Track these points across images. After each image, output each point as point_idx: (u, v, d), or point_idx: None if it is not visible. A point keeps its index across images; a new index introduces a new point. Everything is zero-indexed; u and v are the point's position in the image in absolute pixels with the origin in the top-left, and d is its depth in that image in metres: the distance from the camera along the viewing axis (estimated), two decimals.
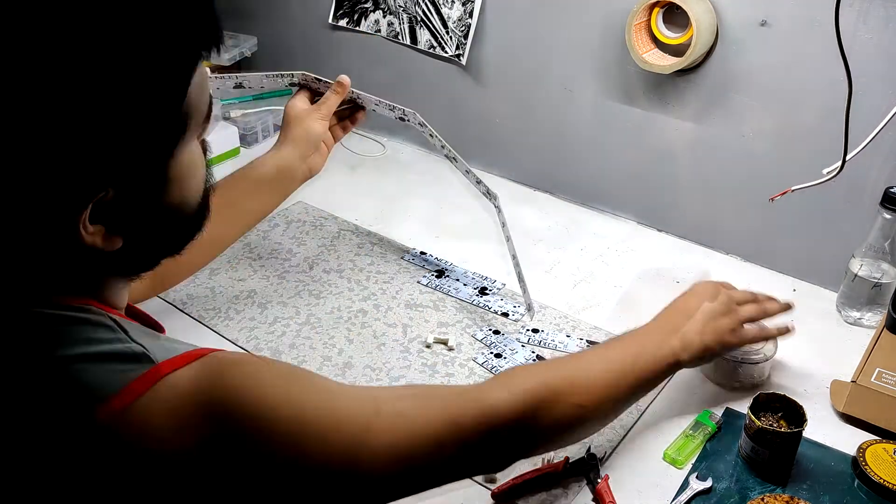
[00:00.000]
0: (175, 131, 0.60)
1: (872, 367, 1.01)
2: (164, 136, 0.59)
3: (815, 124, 1.17)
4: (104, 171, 0.56)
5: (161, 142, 0.59)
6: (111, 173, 0.57)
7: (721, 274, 1.29)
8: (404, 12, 1.54)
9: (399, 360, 1.09)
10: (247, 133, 1.64)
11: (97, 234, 0.59)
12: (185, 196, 0.65)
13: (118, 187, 0.58)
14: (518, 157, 1.52)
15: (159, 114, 0.57)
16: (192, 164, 0.65)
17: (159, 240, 0.67)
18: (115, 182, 0.57)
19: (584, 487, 0.91)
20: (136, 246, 0.63)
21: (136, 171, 0.59)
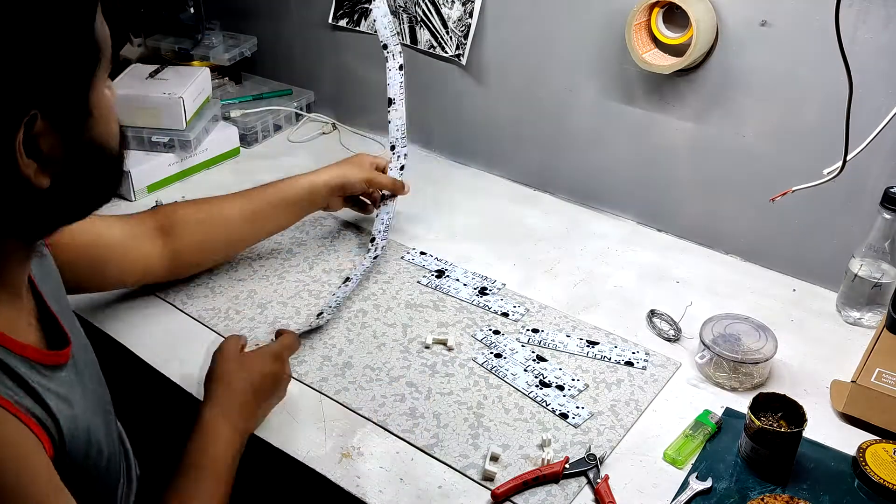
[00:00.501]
0: (90, 61, 0.67)
1: (872, 367, 1.01)
2: (80, 64, 0.66)
3: (816, 124, 1.17)
4: (29, 91, 0.62)
5: (79, 69, 0.66)
6: (36, 94, 0.63)
7: (721, 274, 1.29)
8: (404, 12, 1.54)
9: (399, 361, 1.09)
10: (247, 133, 1.64)
11: (31, 167, 0.64)
12: (105, 133, 0.71)
13: (46, 112, 0.63)
14: (518, 157, 1.52)
15: (73, 39, 0.64)
16: (109, 102, 0.71)
17: (85, 181, 0.71)
18: (41, 104, 0.63)
19: (584, 487, 0.91)
20: (65, 186, 0.68)
21: (61, 95, 0.65)
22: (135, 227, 1.09)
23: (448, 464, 0.94)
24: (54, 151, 0.66)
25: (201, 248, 1.17)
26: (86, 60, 0.66)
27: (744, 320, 1.10)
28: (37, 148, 0.64)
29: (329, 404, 1.02)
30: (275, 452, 0.96)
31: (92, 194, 0.74)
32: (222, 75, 1.77)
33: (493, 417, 1.00)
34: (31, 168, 0.64)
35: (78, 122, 0.68)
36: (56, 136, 0.65)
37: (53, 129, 0.65)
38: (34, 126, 0.63)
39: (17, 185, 0.64)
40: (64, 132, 0.66)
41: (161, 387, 1.06)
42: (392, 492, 0.90)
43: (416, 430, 0.98)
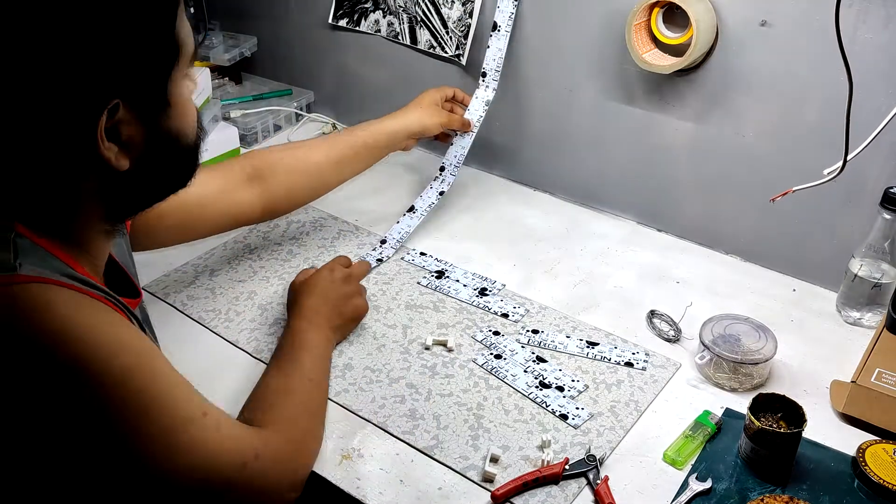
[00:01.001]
0: (170, 55, 0.72)
1: (872, 367, 1.01)
2: (161, 59, 0.72)
3: (816, 124, 1.17)
4: (112, 82, 0.68)
5: (160, 63, 0.72)
6: (119, 85, 0.68)
7: (721, 274, 1.29)
8: (404, 12, 1.54)
9: (399, 362, 1.09)
10: (247, 133, 1.64)
11: (111, 150, 0.70)
12: (182, 125, 0.77)
13: (127, 99, 0.69)
14: (518, 158, 1.52)
15: (155, 34, 0.70)
16: (187, 97, 0.77)
17: (163, 167, 0.77)
18: (123, 94, 0.69)
19: (584, 489, 0.91)
20: (145, 171, 0.74)
21: (142, 87, 0.70)
22: (227, 178, 1.16)
23: (448, 465, 0.94)
24: (134, 138, 0.72)
25: (290, 194, 1.23)
26: (166, 56, 0.72)
27: (744, 321, 1.10)
28: (118, 133, 0.71)
29: (329, 406, 1.02)
30: None
31: (169, 180, 0.81)
32: (222, 75, 1.77)
33: (493, 419, 1.00)
34: (112, 151, 0.71)
35: (157, 113, 0.74)
36: (137, 124, 0.72)
37: (135, 117, 0.71)
38: (116, 113, 0.69)
39: (100, 167, 0.71)
40: (144, 121, 0.72)
41: None
42: (392, 493, 0.90)
43: (416, 431, 0.98)
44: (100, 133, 0.69)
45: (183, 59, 0.74)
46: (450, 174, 1.39)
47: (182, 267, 1.27)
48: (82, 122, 0.68)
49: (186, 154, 0.80)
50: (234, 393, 1.02)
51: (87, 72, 0.67)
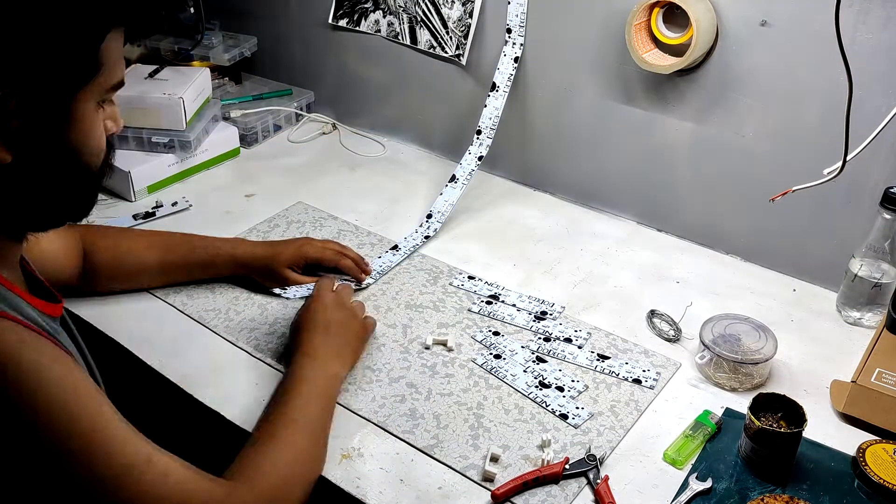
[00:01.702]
0: (84, 72, 0.70)
1: (872, 367, 1.01)
2: (72, 70, 0.69)
3: (816, 124, 1.17)
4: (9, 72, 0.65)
5: (68, 73, 0.69)
6: (16, 77, 0.66)
7: (721, 274, 1.29)
8: (404, 12, 1.54)
9: (399, 361, 1.09)
10: (247, 133, 1.64)
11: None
12: (83, 144, 0.73)
13: (21, 97, 0.66)
14: (518, 157, 1.52)
15: (71, 46, 0.68)
16: (93, 119, 0.73)
17: (56, 184, 0.74)
18: (18, 88, 0.66)
19: (584, 488, 0.91)
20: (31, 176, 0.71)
21: (41, 90, 0.67)
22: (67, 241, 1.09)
23: (448, 465, 0.94)
24: (21, 134, 0.68)
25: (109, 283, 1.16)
26: (79, 71, 0.69)
27: (744, 320, 1.10)
28: (3, 124, 0.67)
29: None
30: None
31: (63, 201, 0.77)
32: (222, 75, 1.77)
33: (493, 418, 1.00)
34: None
35: (53, 122, 0.70)
36: (26, 123, 0.68)
37: (25, 114, 0.68)
38: (6, 104, 0.66)
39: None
40: (36, 123, 0.69)
41: (161, 388, 1.06)
42: (392, 493, 0.90)
43: (416, 431, 0.98)
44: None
45: (99, 82, 0.72)
46: (486, 137, 1.41)
47: None
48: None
49: (84, 175, 0.75)
50: (235, 393, 1.02)
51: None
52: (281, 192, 1.49)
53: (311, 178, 1.55)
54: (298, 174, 1.56)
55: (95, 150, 0.75)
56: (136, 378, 1.09)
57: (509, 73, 1.42)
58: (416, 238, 1.34)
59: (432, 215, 1.38)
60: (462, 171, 1.43)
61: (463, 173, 1.42)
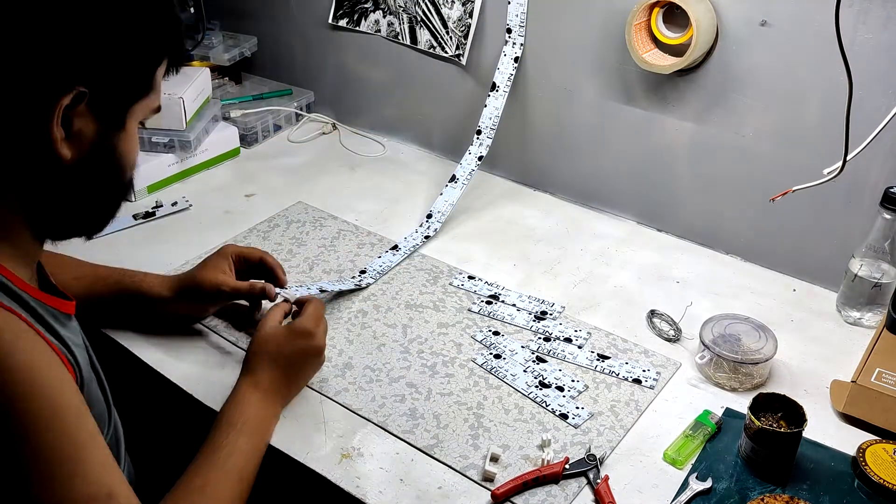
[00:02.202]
0: (141, 89, 0.77)
1: (872, 367, 1.01)
2: (135, 84, 0.76)
3: (816, 124, 1.17)
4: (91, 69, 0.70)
5: (132, 86, 0.76)
6: (95, 76, 0.71)
7: (721, 274, 1.29)
8: (404, 12, 1.54)
9: (399, 361, 1.09)
10: (247, 133, 1.64)
11: (59, 132, 0.70)
12: (127, 153, 0.78)
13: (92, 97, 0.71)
14: (518, 157, 1.52)
15: (138, 63, 0.75)
16: (136, 135, 0.79)
17: (95, 187, 0.77)
18: (93, 87, 0.71)
19: (584, 488, 0.91)
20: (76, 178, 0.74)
21: (110, 93, 0.73)
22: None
23: (448, 464, 0.94)
24: (84, 134, 0.73)
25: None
26: (138, 87, 0.76)
27: (744, 320, 1.10)
28: (70, 123, 0.71)
29: (329, 405, 1.02)
30: (275, 453, 0.96)
31: (95, 209, 0.81)
32: (222, 75, 1.77)
33: (493, 418, 1.00)
34: (60, 133, 0.71)
35: (112, 126, 0.75)
36: (91, 124, 0.73)
37: (92, 115, 0.72)
38: (79, 102, 0.71)
39: (43, 145, 0.70)
40: (99, 125, 0.74)
41: (160, 388, 1.06)
42: (392, 492, 0.90)
43: (416, 430, 0.98)
44: (58, 110, 0.69)
45: (147, 102, 0.78)
46: (486, 137, 1.41)
47: (181, 267, 1.27)
48: (46, 95, 0.69)
49: (119, 186, 0.81)
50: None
51: (70, 51, 0.69)
52: (281, 192, 1.49)
53: (311, 178, 1.55)
54: (298, 174, 1.56)
55: (133, 163, 0.81)
56: (135, 378, 1.09)
57: (509, 73, 1.42)
58: (416, 238, 1.34)
59: (432, 215, 1.38)
60: (462, 170, 1.43)
61: (463, 173, 1.42)
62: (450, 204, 1.40)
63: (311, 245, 1.34)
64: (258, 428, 0.93)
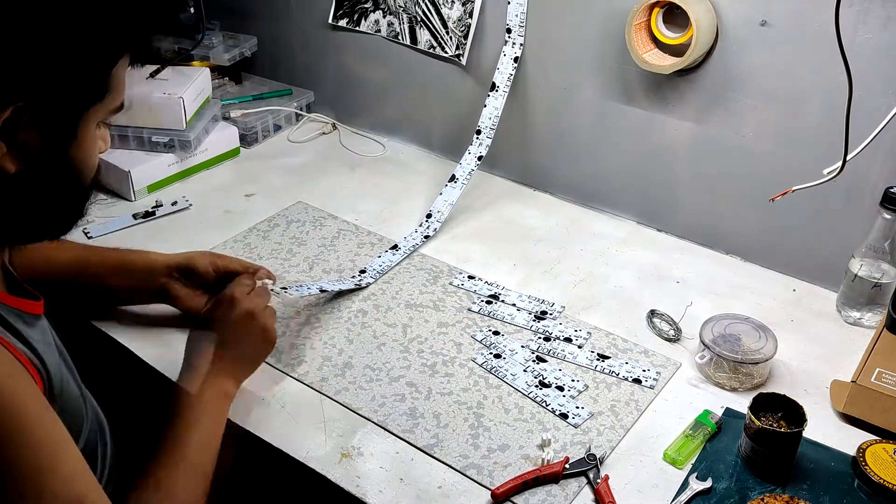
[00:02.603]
0: (94, 93, 0.73)
1: (872, 367, 1.01)
2: (85, 90, 0.72)
3: (816, 124, 1.17)
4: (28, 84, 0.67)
5: (81, 93, 0.72)
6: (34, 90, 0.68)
7: (721, 274, 1.29)
8: (404, 12, 1.54)
9: (399, 361, 1.09)
10: (247, 133, 1.64)
11: (1, 148, 0.68)
12: (83, 161, 0.75)
13: (35, 111, 0.68)
14: (518, 158, 1.52)
15: (86, 67, 0.71)
16: (94, 139, 0.76)
17: (50, 196, 0.75)
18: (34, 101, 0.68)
19: (584, 487, 0.91)
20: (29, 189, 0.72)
21: (55, 105, 0.70)
22: None
23: (448, 464, 0.94)
24: (30, 146, 0.70)
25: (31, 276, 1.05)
26: (90, 92, 0.72)
27: (744, 320, 1.10)
28: (14, 135, 0.69)
29: (329, 404, 1.02)
30: (275, 453, 0.96)
31: (52, 215, 0.78)
32: (222, 75, 1.77)
33: (493, 417, 1.00)
34: (1, 148, 0.68)
35: (61, 136, 0.72)
36: (36, 136, 0.70)
37: (36, 128, 0.69)
38: (21, 116, 0.68)
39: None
40: (45, 136, 0.71)
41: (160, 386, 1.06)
42: (392, 492, 0.90)
43: (416, 430, 0.98)
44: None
45: (105, 105, 0.74)
46: (486, 137, 1.41)
47: None
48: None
49: (77, 191, 0.78)
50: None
51: (4, 68, 0.66)
52: (281, 192, 1.49)
53: (311, 177, 1.55)
54: (298, 174, 1.56)
55: (91, 168, 0.78)
56: (129, 372, 1.09)
57: (509, 73, 1.42)
58: (415, 238, 1.34)
59: (432, 215, 1.38)
60: (462, 170, 1.43)
61: (463, 173, 1.42)
62: (449, 204, 1.40)
63: (311, 245, 1.34)
64: (208, 416, 0.91)
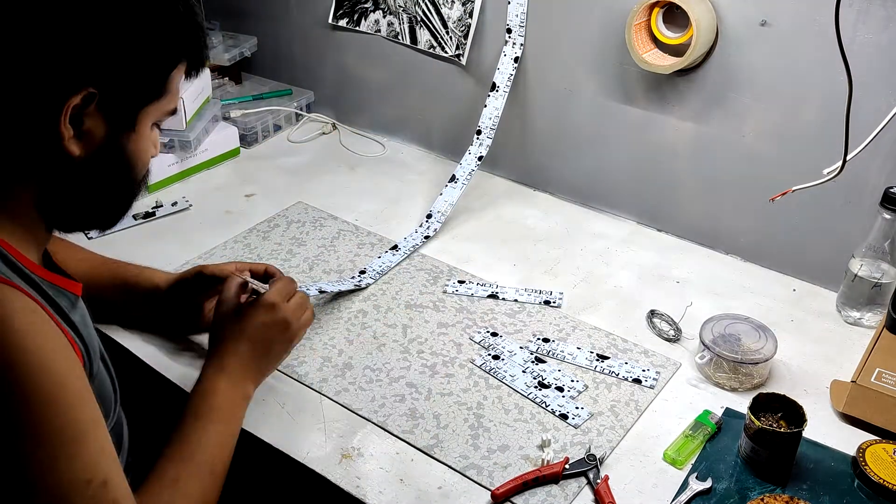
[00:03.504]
0: (153, 92, 0.78)
1: (872, 367, 1.01)
2: (146, 87, 0.77)
3: (816, 124, 1.17)
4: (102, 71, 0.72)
5: (143, 89, 0.77)
6: (105, 77, 0.72)
7: (721, 274, 1.29)
8: (404, 12, 1.54)
9: (399, 361, 1.09)
10: (247, 133, 1.64)
11: (68, 130, 0.72)
12: (137, 154, 0.79)
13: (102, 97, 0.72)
14: (518, 157, 1.52)
15: (148, 68, 0.76)
16: (149, 136, 0.81)
17: (103, 184, 0.79)
18: (103, 88, 0.72)
19: (584, 488, 0.91)
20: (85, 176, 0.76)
21: (120, 95, 0.74)
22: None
23: (448, 464, 0.94)
24: (93, 134, 0.74)
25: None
26: (150, 90, 0.77)
27: (744, 320, 1.10)
28: (80, 121, 0.73)
29: (329, 405, 1.02)
30: (275, 453, 0.96)
31: (103, 206, 0.82)
32: (222, 75, 1.77)
33: (493, 418, 1.00)
34: (69, 132, 0.73)
35: (122, 126, 0.77)
36: (101, 124, 0.75)
37: (102, 115, 0.74)
38: (89, 102, 0.72)
39: (52, 142, 0.72)
40: (108, 125, 0.75)
41: (162, 387, 1.06)
42: (392, 492, 0.90)
43: (416, 430, 0.98)
44: (67, 109, 0.71)
45: (161, 105, 0.79)
46: (486, 137, 1.41)
47: (181, 267, 1.27)
48: (56, 95, 0.71)
49: (128, 186, 0.82)
50: None
51: (80, 52, 0.71)
52: (281, 192, 1.49)
53: (311, 177, 1.55)
54: (298, 174, 1.56)
55: (143, 165, 0.82)
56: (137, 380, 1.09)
57: (509, 73, 1.42)
58: (415, 238, 1.34)
59: (432, 215, 1.38)
60: (462, 171, 1.43)
61: (463, 173, 1.42)
62: (449, 204, 1.40)
63: (311, 245, 1.34)
64: (228, 415, 0.91)
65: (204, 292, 1.10)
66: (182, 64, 0.79)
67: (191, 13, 0.78)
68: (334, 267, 1.29)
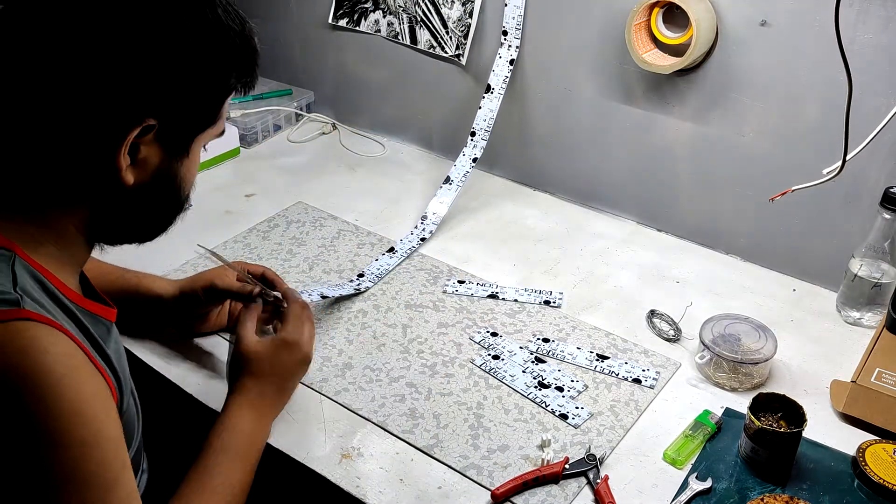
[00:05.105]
0: (208, 118, 0.79)
1: (872, 367, 1.01)
2: (202, 115, 0.78)
3: (815, 124, 1.17)
4: (161, 104, 0.73)
5: (200, 117, 0.78)
6: (165, 110, 0.73)
7: (721, 274, 1.29)
8: (404, 12, 1.54)
9: (399, 361, 1.09)
10: (247, 133, 1.64)
11: (125, 160, 0.73)
12: (186, 176, 0.81)
13: (161, 128, 0.74)
14: (518, 157, 1.52)
15: (209, 97, 0.78)
16: (197, 159, 0.82)
17: (152, 206, 0.81)
18: (162, 119, 0.73)
19: (584, 488, 0.91)
20: (136, 200, 0.77)
21: (178, 125, 0.76)
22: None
23: (448, 464, 0.94)
24: (148, 162, 0.76)
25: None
26: (205, 117, 0.79)
27: (744, 320, 1.10)
28: (137, 150, 0.74)
29: (329, 405, 1.02)
30: (275, 453, 0.96)
31: (151, 222, 0.84)
32: None
33: (493, 418, 1.00)
34: (126, 161, 0.74)
35: (177, 153, 0.78)
36: (157, 152, 0.76)
37: (159, 145, 0.76)
38: (147, 133, 0.73)
39: (109, 171, 0.73)
40: (164, 153, 0.77)
41: (165, 392, 1.06)
42: (392, 492, 0.90)
43: (416, 430, 0.98)
44: (127, 141, 0.72)
45: (213, 130, 0.81)
46: (481, 139, 1.41)
47: (182, 267, 1.27)
48: (117, 127, 0.72)
49: (177, 204, 0.83)
50: None
51: (143, 85, 0.71)
52: (281, 192, 1.49)
53: (311, 178, 1.55)
54: (298, 174, 1.56)
55: (191, 185, 0.84)
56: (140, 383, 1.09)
57: (504, 75, 1.41)
58: (411, 240, 1.34)
59: (427, 217, 1.38)
60: (456, 172, 1.43)
61: (457, 175, 1.42)
62: (445, 206, 1.39)
63: (310, 245, 1.34)
64: (250, 449, 0.92)
65: (212, 302, 1.10)
66: (235, 86, 0.81)
67: (246, 43, 0.79)
68: (334, 267, 1.29)
